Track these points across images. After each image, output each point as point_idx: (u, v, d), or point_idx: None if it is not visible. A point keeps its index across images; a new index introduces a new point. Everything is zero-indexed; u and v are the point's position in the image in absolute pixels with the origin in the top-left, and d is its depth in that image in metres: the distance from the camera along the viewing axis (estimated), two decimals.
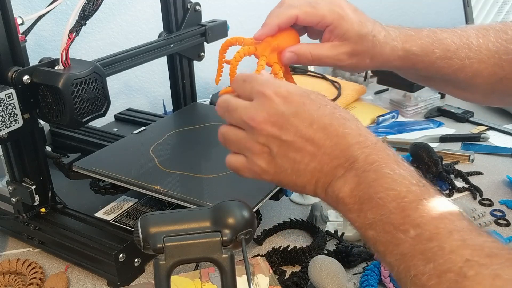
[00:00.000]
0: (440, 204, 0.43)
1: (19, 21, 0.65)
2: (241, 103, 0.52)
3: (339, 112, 0.51)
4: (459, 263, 0.38)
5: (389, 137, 1.09)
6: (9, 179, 0.73)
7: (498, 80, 0.66)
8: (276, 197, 0.73)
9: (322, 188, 0.51)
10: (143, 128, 0.90)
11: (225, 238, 0.41)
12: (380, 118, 1.15)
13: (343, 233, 0.76)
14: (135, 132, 0.88)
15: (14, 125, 0.64)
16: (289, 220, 0.80)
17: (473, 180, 0.91)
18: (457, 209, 0.43)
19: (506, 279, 0.36)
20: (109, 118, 1.02)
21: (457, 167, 0.94)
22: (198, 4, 0.94)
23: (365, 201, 0.46)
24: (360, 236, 0.48)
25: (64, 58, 0.66)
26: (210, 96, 1.22)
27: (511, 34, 0.66)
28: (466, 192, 0.88)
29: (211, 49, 1.00)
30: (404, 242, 0.42)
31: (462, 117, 1.16)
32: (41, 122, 0.72)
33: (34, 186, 0.72)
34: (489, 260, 0.38)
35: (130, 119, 1.06)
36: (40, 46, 1.03)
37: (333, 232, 0.77)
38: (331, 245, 0.74)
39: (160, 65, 1.20)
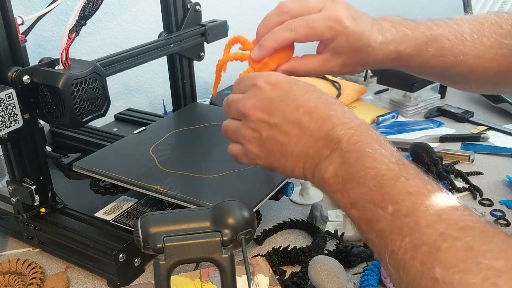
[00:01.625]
0: (418, 181, 0.45)
1: (19, 21, 0.65)
2: (237, 96, 0.57)
3: (325, 97, 0.54)
4: (434, 236, 0.39)
5: (389, 137, 1.09)
6: (9, 179, 0.73)
7: (492, 74, 0.66)
8: (276, 197, 0.73)
9: (309, 170, 0.53)
10: (143, 128, 0.90)
11: (225, 238, 0.42)
12: (380, 118, 1.15)
13: (343, 233, 0.76)
14: (135, 132, 0.88)
15: (14, 125, 0.64)
16: (289, 220, 0.80)
17: (473, 180, 0.91)
18: (434, 185, 0.45)
19: (478, 250, 0.37)
20: (109, 118, 1.02)
21: (457, 167, 0.94)
22: (198, 4, 0.94)
23: (347, 180, 0.48)
24: (346, 215, 0.50)
25: (64, 58, 0.66)
26: (210, 96, 1.22)
27: (506, 28, 0.66)
28: (466, 192, 0.88)
29: (211, 49, 1.00)
30: (383, 218, 0.44)
31: (462, 117, 1.16)
32: (41, 122, 0.72)
33: (34, 186, 0.72)
34: (462, 233, 0.39)
35: (130, 119, 1.06)
36: (40, 46, 1.03)
37: (333, 232, 0.77)
38: (331, 245, 0.74)
39: (160, 65, 1.20)
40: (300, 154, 0.53)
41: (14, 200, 0.73)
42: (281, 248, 0.72)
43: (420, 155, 0.90)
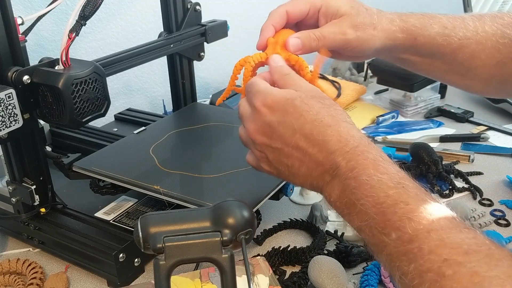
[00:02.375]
0: (418, 204, 0.44)
1: (19, 21, 0.65)
2: (245, 113, 0.57)
3: (321, 119, 0.52)
4: (438, 262, 0.39)
5: (389, 137, 1.09)
6: (9, 179, 0.73)
7: (495, 63, 0.66)
8: (276, 197, 0.73)
9: (317, 189, 0.54)
10: (143, 128, 0.90)
11: (225, 238, 0.41)
12: (380, 118, 1.15)
13: (343, 233, 0.76)
14: (135, 132, 0.88)
15: (14, 125, 0.64)
16: (289, 220, 0.80)
17: (473, 180, 0.91)
18: (437, 206, 0.44)
19: (483, 276, 0.37)
20: (109, 118, 1.02)
21: (457, 167, 0.94)
22: (198, 4, 0.94)
23: (351, 207, 0.48)
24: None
25: (64, 58, 0.66)
26: (210, 96, 1.22)
27: (507, 20, 0.66)
28: (466, 192, 0.88)
29: (211, 49, 1.00)
30: (388, 244, 0.43)
31: (462, 117, 1.16)
32: (41, 122, 0.72)
33: (34, 186, 0.72)
34: (467, 258, 0.38)
35: (130, 119, 1.06)
36: (40, 46, 1.03)
37: (333, 232, 0.77)
38: (331, 245, 0.74)
39: (160, 65, 1.20)
40: (305, 175, 0.53)
41: (14, 200, 0.73)
42: (281, 248, 0.72)
43: (420, 155, 0.90)
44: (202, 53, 0.99)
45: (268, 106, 0.54)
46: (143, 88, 1.26)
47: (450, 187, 0.88)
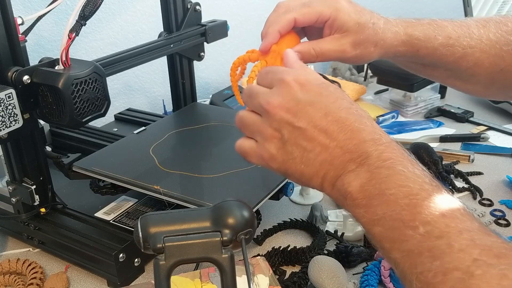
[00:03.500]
0: (452, 204, 0.43)
1: (19, 21, 0.65)
2: (262, 89, 0.53)
3: (355, 108, 0.51)
4: (467, 261, 0.38)
5: None
6: (9, 179, 0.73)
7: (498, 71, 0.66)
8: (276, 197, 0.73)
9: (329, 181, 0.51)
10: (143, 128, 0.90)
11: (225, 238, 0.41)
12: (380, 118, 1.15)
13: (343, 233, 0.76)
14: (135, 132, 0.88)
15: (14, 125, 0.64)
16: (289, 220, 0.80)
17: (473, 180, 0.91)
18: (468, 210, 0.43)
19: None
20: (109, 118, 1.02)
21: (457, 167, 0.95)
22: (198, 4, 0.94)
23: (375, 196, 0.46)
24: (365, 232, 0.48)
25: (64, 58, 0.66)
26: (210, 96, 1.22)
27: (511, 26, 0.66)
28: (466, 192, 0.88)
29: (211, 49, 1.00)
30: (412, 238, 0.42)
31: (462, 117, 1.16)
32: (41, 122, 0.72)
33: (34, 186, 0.72)
34: (497, 260, 0.38)
35: (130, 119, 1.06)
36: (40, 46, 1.03)
37: (333, 232, 0.77)
38: (331, 245, 0.74)
39: (160, 65, 1.20)
40: (323, 163, 0.50)
41: (14, 200, 0.73)
42: (281, 248, 0.72)
43: (420, 155, 0.90)
44: (202, 53, 0.99)
45: (301, 83, 0.51)
46: (143, 88, 1.26)
47: (450, 187, 0.88)
